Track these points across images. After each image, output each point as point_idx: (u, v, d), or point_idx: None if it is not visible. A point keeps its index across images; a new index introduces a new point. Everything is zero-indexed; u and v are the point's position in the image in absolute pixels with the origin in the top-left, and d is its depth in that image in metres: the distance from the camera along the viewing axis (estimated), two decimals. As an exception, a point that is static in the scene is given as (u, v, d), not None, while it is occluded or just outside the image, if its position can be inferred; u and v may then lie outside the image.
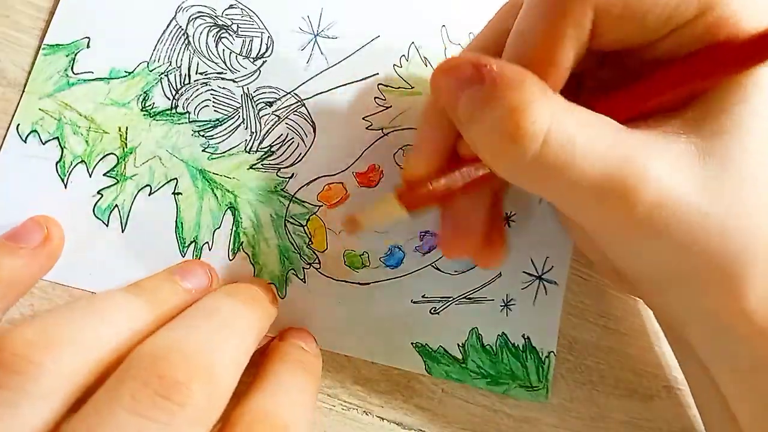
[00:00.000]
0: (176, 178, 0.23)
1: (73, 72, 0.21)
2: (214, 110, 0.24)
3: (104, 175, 0.22)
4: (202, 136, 0.23)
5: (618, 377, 0.30)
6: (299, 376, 0.22)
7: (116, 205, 0.22)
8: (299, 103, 0.25)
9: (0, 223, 0.20)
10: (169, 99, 0.23)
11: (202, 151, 0.23)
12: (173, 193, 0.23)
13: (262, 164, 0.25)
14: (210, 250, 0.24)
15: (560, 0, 0.18)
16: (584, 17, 0.18)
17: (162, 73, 0.23)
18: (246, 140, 0.24)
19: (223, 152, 0.24)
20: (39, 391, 0.15)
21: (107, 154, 0.22)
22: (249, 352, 0.20)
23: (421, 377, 0.28)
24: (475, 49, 0.23)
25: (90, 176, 0.22)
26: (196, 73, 0.23)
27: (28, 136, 0.21)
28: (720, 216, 0.18)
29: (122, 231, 0.22)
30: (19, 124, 0.21)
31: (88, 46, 0.22)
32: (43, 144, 0.21)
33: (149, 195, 0.23)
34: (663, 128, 0.19)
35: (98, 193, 0.22)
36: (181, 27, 0.23)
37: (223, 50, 0.24)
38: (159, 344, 0.17)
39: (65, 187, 0.21)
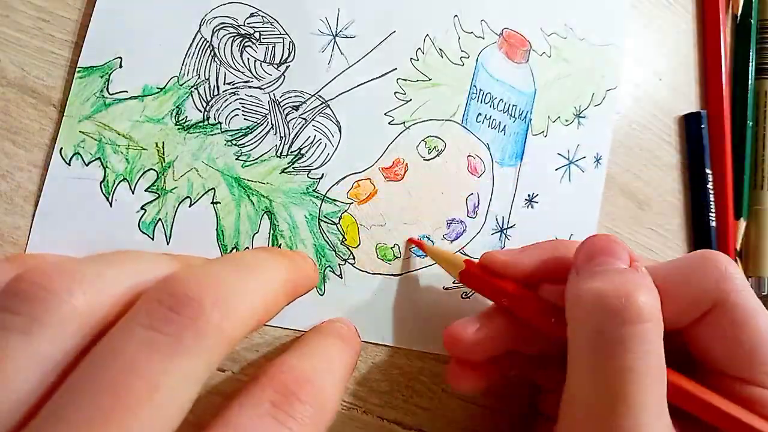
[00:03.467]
0: (214, 188, 0.24)
1: (108, 92, 0.22)
2: (244, 118, 0.24)
3: (146, 190, 0.23)
4: (235, 144, 0.24)
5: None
6: (333, 345, 0.23)
7: (160, 219, 0.23)
8: (324, 105, 0.26)
9: (52, 246, 0.21)
10: (201, 111, 0.24)
11: (236, 159, 0.24)
12: (212, 203, 0.24)
13: (293, 167, 0.25)
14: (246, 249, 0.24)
15: None
16: None
17: (192, 87, 0.23)
18: (276, 145, 0.25)
19: (256, 159, 0.25)
20: (51, 319, 0.15)
21: (147, 170, 0.23)
22: (272, 297, 0.19)
23: (421, 377, 0.28)
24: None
25: (133, 192, 0.22)
26: (224, 84, 0.24)
27: (71, 158, 0.21)
28: None
29: (167, 243, 0.23)
30: (62, 148, 0.21)
31: (120, 66, 0.22)
32: (86, 165, 0.22)
33: (189, 206, 0.23)
34: None
35: (142, 208, 0.22)
36: (206, 39, 0.24)
37: (248, 59, 0.24)
38: (178, 273, 0.17)
39: (111, 206, 0.22)
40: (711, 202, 0.38)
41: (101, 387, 0.14)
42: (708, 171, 0.38)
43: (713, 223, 0.38)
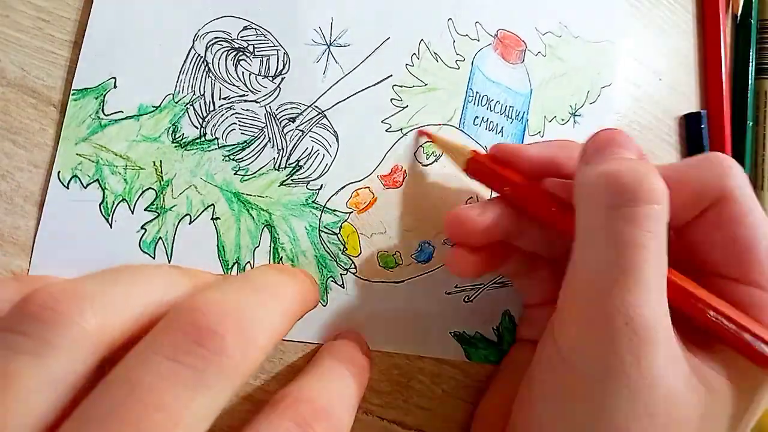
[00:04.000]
0: (213, 204, 0.24)
1: (104, 113, 0.22)
2: (241, 133, 0.24)
3: (145, 209, 0.23)
4: (233, 159, 0.24)
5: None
6: (347, 370, 0.23)
7: (160, 238, 0.23)
8: (320, 115, 0.26)
9: (54, 270, 0.21)
10: (197, 128, 0.23)
11: (234, 174, 0.24)
12: (212, 219, 0.24)
13: (291, 179, 0.25)
14: (252, 269, 0.24)
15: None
16: None
17: (187, 103, 0.23)
18: (274, 158, 0.25)
19: (254, 173, 0.24)
20: (62, 342, 0.15)
21: (146, 189, 0.23)
22: (288, 320, 0.20)
23: (421, 377, 0.28)
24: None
25: (132, 213, 0.22)
26: (220, 99, 0.24)
27: (69, 181, 0.21)
28: None
29: (168, 261, 0.23)
30: (59, 171, 0.21)
31: (114, 86, 0.22)
32: (85, 188, 0.22)
33: (189, 223, 0.23)
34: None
35: (142, 228, 0.22)
36: (200, 55, 0.23)
37: (243, 72, 0.24)
38: (197, 299, 0.17)
39: (111, 227, 0.22)
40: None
41: (122, 417, 0.14)
42: (708, 171, 0.38)
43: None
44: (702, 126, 0.38)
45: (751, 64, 0.40)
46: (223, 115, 0.24)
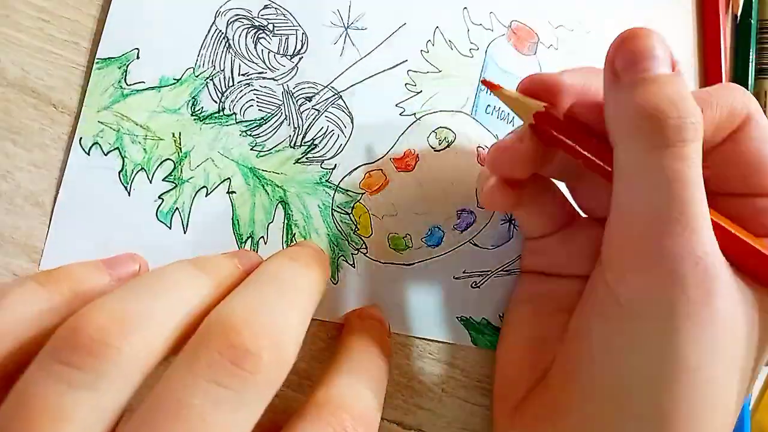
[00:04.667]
0: (229, 178, 0.24)
1: (126, 83, 0.22)
2: (259, 109, 0.25)
3: (163, 180, 0.23)
4: (250, 135, 0.24)
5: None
6: (378, 365, 0.24)
7: (177, 208, 0.23)
8: (336, 96, 0.26)
9: (72, 235, 0.21)
10: (216, 102, 0.24)
11: (251, 149, 0.24)
12: (228, 192, 0.24)
13: (306, 158, 0.26)
14: (266, 243, 0.25)
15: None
16: None
17: (207, 78, 0.24)
18: (290, 136, 0.25)
19: (270, 149, 0.25)
20: (118, 372, 0.16)
21: (164, 160, 0.23)
22: (311, 313, 0.20)
23: (421, 377, 0.28)
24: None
25: (150, 182, 0.23)
26: (239, 75, 0.24)
27: (90, 148, 0.22)
28: None
29: (184, 232, 0.23)
30: (81, 138, 0.22)
31: (137, 57, 0.22)
32: (105, 155, 0.22)
33: (206, 196, 0.24)
34: None
35: (159, 197, 0.23)
36: (221, 31, 0.24)
37: (262, 50, 0.25)
38: (229, 313, 0.17)
39: (129, 195, 0.22)
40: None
41: None
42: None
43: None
44: (702, 126, 0.38)
45: (751, 64, 0.40)
46: (241, 90, 0.24)
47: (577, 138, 0.22)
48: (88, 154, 0.22)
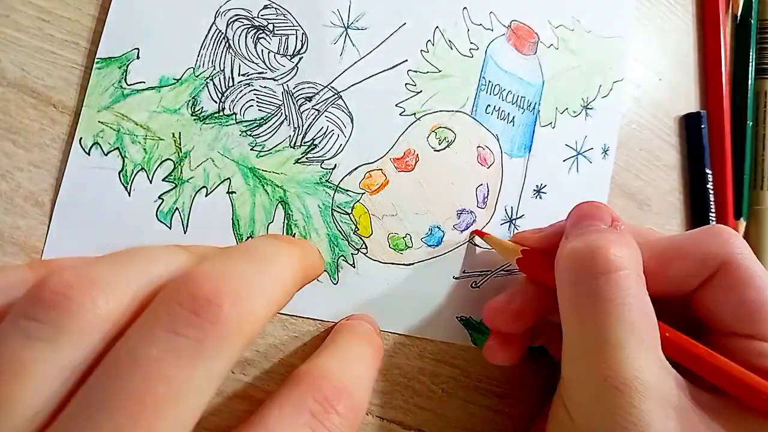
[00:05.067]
0: (229, 178, 0.24)
1: (126, 83, 0.22)
2: (258, 109, 0.25)
3: (163, 180, 0.23)
4: (249, 135, 0.24)
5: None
6: (365, 347, 0.23)
7: (177, 208, 0.23)
8: (336, 96, 0.26)
9: (72, 235, 0.21)
10: (216, 102, 0.24)
11: (251, 149, 0.24)
12: (227, 192, 0.24)
13: (306, 158, 0.26)
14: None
15: None
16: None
17: (207, 78, 0.24)
18: (290, 136, 0.25)
19: (270, 149, 0.25)
20: (78, 327, 0.15)
21: (164, 160, 0.23)
22: (287, 290, 0.19)
23: (421, 377, 0.28)
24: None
25: (150, 182, 0.23)
26: (239, 75, 0.24)
27: (90, 148, 0.22)
28: None
29: (184, 232, 0.23)
30: (81, 138, 0.22)
31: (138, 57, 0.22)
32: (105, 155, 0.22)
33: (206, 196, 0.24)
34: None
35: (159, 198, 0.23)
36: (221, 31, 0.24)
37: (262, 50, 0.25)
38: (194, 270, 0.17)
39: (129, 195, 0.22)
40: (711, 202, 0.39)
41: (127, 394, 0.14)
42: (708, 171, 0.39)
43: (713, 223, 0.39)
44: (702, 126, 0.38)
45: (751, 64, 0.41)
46: (241, 91, 0.24)
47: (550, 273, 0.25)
48: (88, 154, 0.22)
